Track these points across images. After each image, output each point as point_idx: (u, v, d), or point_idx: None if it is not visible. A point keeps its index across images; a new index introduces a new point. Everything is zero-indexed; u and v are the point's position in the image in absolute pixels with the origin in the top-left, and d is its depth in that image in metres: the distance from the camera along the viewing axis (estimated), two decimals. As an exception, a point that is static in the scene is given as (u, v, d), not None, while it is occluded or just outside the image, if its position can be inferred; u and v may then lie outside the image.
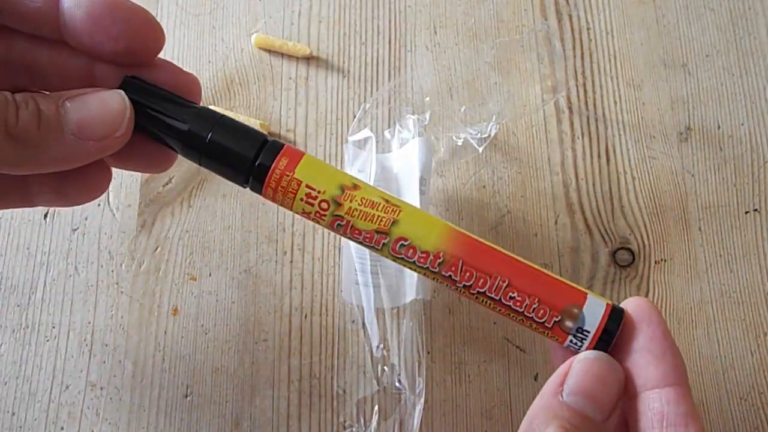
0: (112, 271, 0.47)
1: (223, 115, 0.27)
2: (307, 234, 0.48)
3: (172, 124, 0.26)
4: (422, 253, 0.26)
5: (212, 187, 0.49)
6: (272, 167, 0.26)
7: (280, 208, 0.52)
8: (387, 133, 0.48)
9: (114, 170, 0.46)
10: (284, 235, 0.48)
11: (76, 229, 0.48)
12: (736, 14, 0.54)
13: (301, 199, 0.26)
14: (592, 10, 0.54)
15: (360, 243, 0.27)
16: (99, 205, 0.49)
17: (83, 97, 0.22)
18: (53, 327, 0.46)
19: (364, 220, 0.26)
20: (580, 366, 0.23)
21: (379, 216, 0.26)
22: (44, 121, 0.21)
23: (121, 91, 0.24)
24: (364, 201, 0.26)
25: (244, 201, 0.49)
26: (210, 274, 0.47)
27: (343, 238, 0.48)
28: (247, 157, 0.26)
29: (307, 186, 0.26)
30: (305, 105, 0.51)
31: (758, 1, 0.54)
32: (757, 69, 0.52)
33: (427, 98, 0.50)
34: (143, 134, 0.26)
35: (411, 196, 0.44)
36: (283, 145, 0.27)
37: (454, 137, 0.48)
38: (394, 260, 0.27)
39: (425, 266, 0.26)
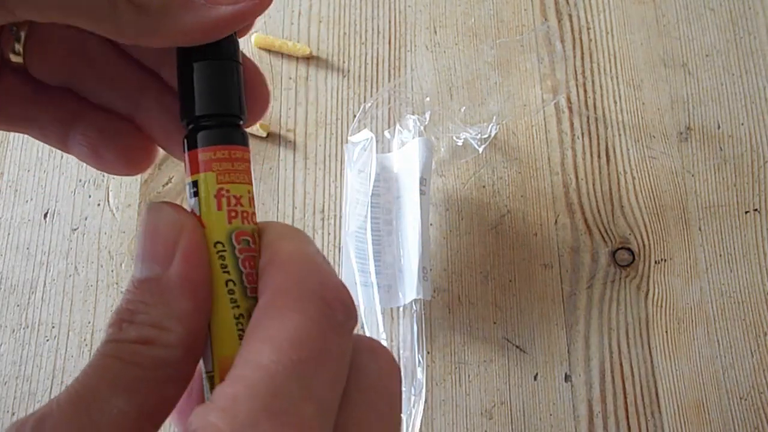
0: (112, 271, 0.47)
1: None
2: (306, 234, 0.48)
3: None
4: None
5: (212, 187, 0.49)
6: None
7: (280, 208, 0.52)
8: (387, 133, 0.48)
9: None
10: (284, 235, 0.48)
11: (76, 229, 0.48)
12: (736, 14, 0.54)
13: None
14: (592, 10, 0.54)
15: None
16: (99, 205, 0.49)
17: None
18: (53, 327, 0.46)
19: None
20: (137, 232, 0.20)
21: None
22: None
23: None
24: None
25: (244, 201, 0.49)
26: (210, 274, 0.47)
27: (343, 237, 0.48)
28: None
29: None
30: (305, 105, 0.51)
31: (758, 1, 0.54)
32: (757, 69, 0.52)
33: (427, 98, 0.50)
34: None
35: (411, 196, 0.44)
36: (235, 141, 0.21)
37: (454, 137, 0.48)
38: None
39: None
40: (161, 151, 0.26)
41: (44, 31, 0.23)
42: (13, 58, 0.23)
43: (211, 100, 0.21)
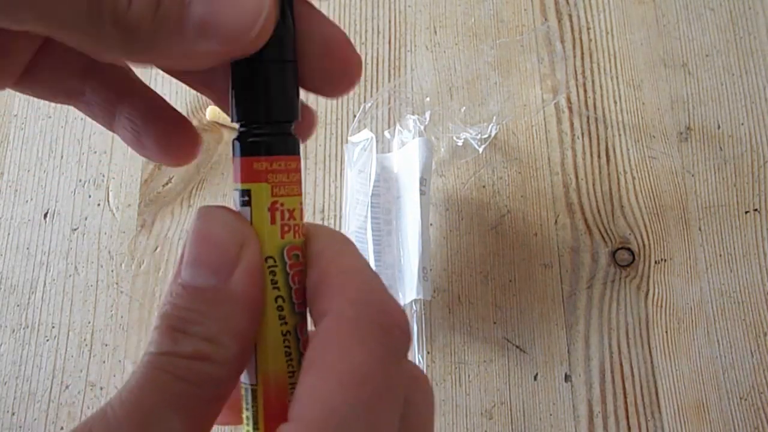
0: (112, 271, 0.47)
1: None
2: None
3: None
4: None
5: (212, 187, 0.49)
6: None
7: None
8: (387, 133, 0.48)
9: (113, 171, 0.46)
10: (284, 235, 0.48)
11: (76, 229, 0.48)
12: (736, 14, 0.54)
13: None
14: (592, 10, 0.54)
15: None
16: (99, 205, 0.49)
17: None
18: (53, 327, 0.46)
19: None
20: (189, 234, 0.19)
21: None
22: (162, 11, 0.18)
23: None
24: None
25: (244, 201, 0.49)
26: (210, 274, 0.47)
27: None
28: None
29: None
30: (305, 105, 0.51)
31: (758, 1, 0.54)
32: (757, 69, 0.52)
33: (427, 98, 0.50)
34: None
35: (411, 196, 0.44)
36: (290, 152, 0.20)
37: (454, 137, 0.48)
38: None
39: None
40: None
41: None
42: None
43: (265, 105, 0.19)
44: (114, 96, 0.24)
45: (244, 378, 0.19)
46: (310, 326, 0.20)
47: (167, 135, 0.24)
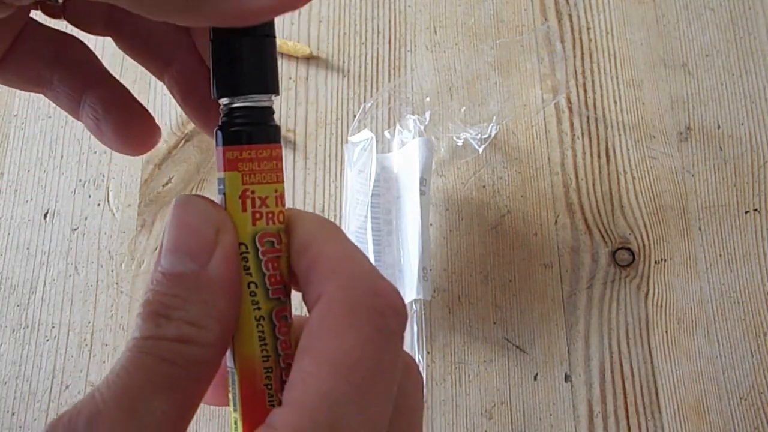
0: (112, 271, 0.47)
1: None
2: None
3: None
4: None
5: (212, 187, 0.49)
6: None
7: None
8: (387, 133, 0.48)
9: (113, 171, 0.47)
10: (284, 235, 0.48)
11: (76, 229, 0.48)
12: (736, 14, 0.54)
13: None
14: (592, 10, 0.54)
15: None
16: (99, 205, 0.49)
17: None
18: (53, 327, 0.46)
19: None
20: (167, 223, 0.19)
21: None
22: None
23: None
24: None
25: (244, 201, 0.49)
26: (210, 274, 0.47)
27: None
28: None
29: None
30: (305, 105, 0.51)
31: (758, 1, 0.54)
32: (757, 69, 0.52)
33: (427, 98, 0.50)
34: None
35: (411, 196, 0.44)
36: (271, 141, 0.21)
37: (454, 137, 0.48)
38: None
39: None
40: (162, 149, 0.26)
41: None
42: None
43: (245, 79, 0.20)
44: (80, 85, 0.25)
45: (228, 361, 0.20)
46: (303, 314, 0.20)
47: (126, 124, 0.24)
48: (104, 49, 0.52)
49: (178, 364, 0.17)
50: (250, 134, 0.20)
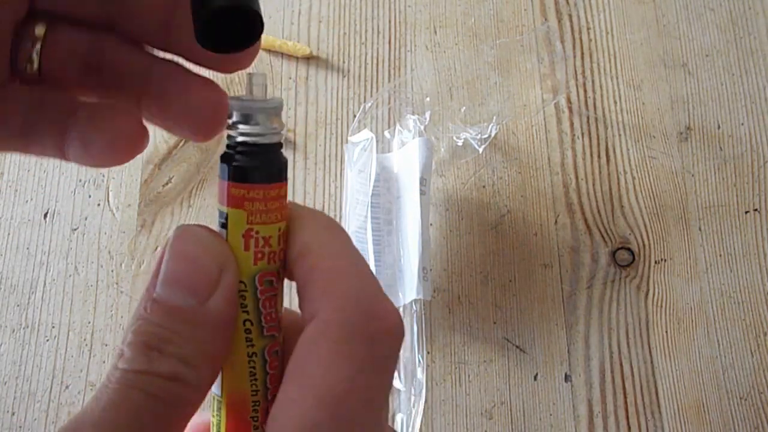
0: (112, 271, 0.47)
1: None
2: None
3: None
4: None
5: (212, 187, 0.49)
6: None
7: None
8: (387, 133, 0.48)
9: (114, 171, 0.46)
10: (284, 235, 0.48)
11: (76, 229, 0.48)
12: (736, 14, 0.54)
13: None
14: (592, 10, 0.54)
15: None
16: (99, 205, 0.49)
17: None
18: (53, 327, 0.46)
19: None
20: (166, 249, 0.18)
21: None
22: None
23: None
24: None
25: (244, 201, 0.49)
26: (210, 274, 0.47)
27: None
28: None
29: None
30: (305, 105, 0.51)
31: (758, 1, 0.54)
32: (757, 69, 0.52)
33: (427, 98, 0.50)
34: None
35: (411, 196, 0.44)
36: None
37: (454, 137, 0.48)
38: None
39: None
40: (162, 149, 0.25)
41: (59, 39, 0.22)
42: (29, 69, 0.22)
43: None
44: (64, 116, 0.23)
45: (215, 388, 0.19)
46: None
47: (112, 143, 0.23)
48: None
49: (166, 402, 0.17)
50: (259, 173, 0.19)
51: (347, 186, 0.46)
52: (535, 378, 0.45)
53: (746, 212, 0.49)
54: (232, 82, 0.52)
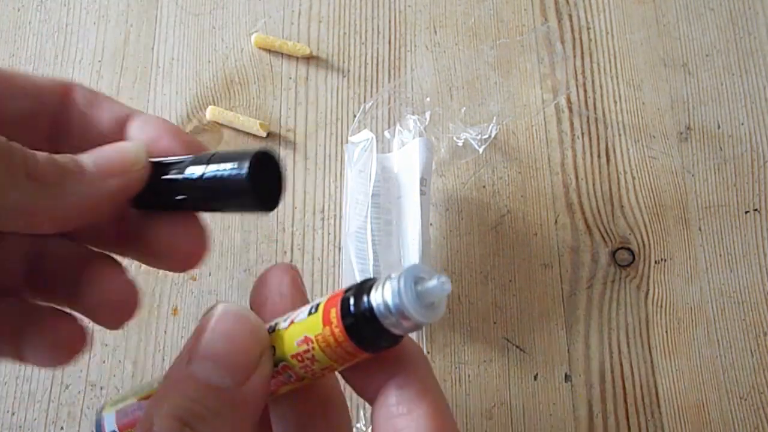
0: (112, 271, 0.47)
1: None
2: (307, 234, 0.48)
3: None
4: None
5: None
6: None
7: (280, 208, 0.52)
8: (387, 133, 0.48)
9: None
10: (284, 235, 0.48)
11: (76, 229, 0.48)
12: (736, 14, 0.54)
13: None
14: (592, 10, 0.54)
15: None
16: (99, 205, 0.49)
17: (97, 149, 0.21)
18: (53, 327, 0.46)
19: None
20: (207, 325, 0.19)
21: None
22: (61, 163, 0.19)
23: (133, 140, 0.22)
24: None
25: (244, 201, 0.49)
26: (210, 274, 0.47)
27: (343, 237, 0.49)
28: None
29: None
30: (305, 105, 0.51)
31: (758, 1, 0.54)
32: (757, 69, 0.52)
33: (427, 98, 0.50)
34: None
35: (411, 196, 0.44)
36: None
37: (454, 137, 0.48)
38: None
39: None
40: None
41: (6, 246, 0.22)
42: None
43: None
44: (20, 320, 0.24)
45: None
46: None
47: (53, 345, 0.24)
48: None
49: None
50: (373, 348, 0.19)
51: (347, 186, 0.46)
52: (535, 378, 0.45)
53: (746, 212, 0.49)
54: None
